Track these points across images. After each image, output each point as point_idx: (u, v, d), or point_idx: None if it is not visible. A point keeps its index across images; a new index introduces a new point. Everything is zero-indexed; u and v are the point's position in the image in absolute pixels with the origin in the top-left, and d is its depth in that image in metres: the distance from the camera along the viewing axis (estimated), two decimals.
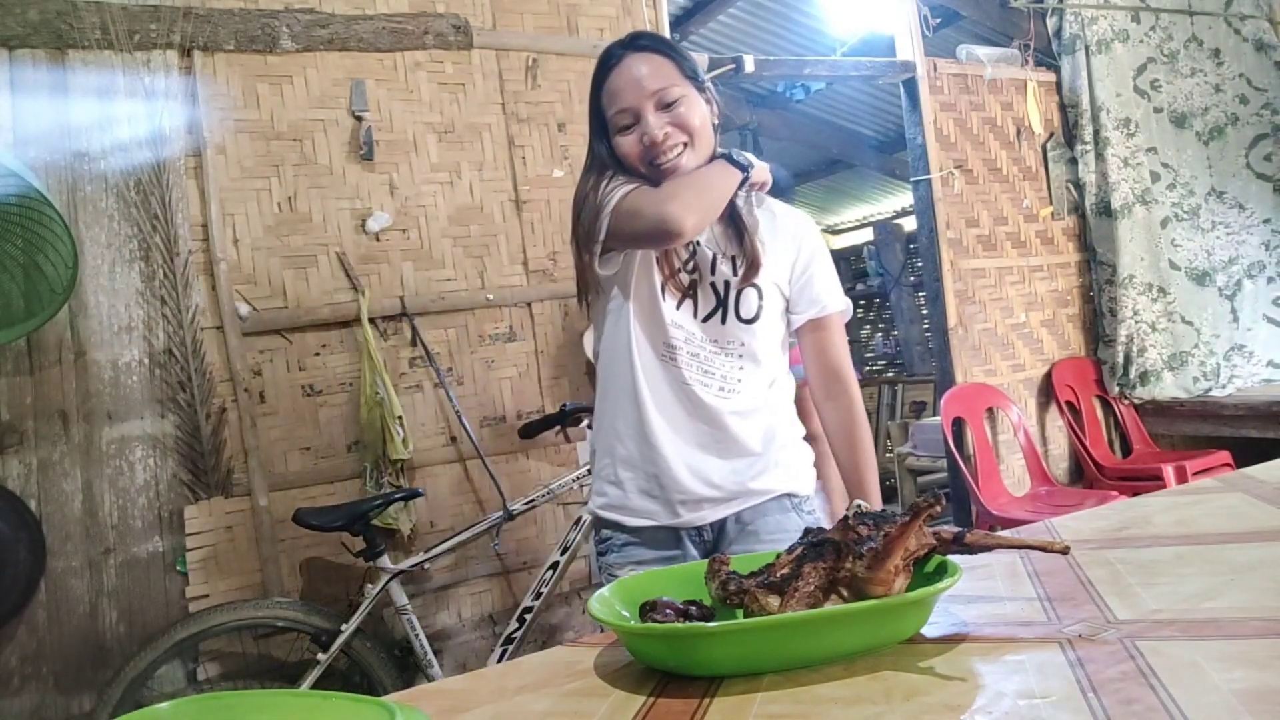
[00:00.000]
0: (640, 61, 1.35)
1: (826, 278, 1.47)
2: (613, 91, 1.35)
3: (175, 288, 2.45)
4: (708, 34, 4.96)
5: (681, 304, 1.40)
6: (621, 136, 1.35)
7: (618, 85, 1.34)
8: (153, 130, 2.46)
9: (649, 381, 1.39)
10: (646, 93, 1.32)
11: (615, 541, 1.44)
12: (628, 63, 1.35)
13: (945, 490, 3.94)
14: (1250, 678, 0.57)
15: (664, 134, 1.32)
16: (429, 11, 2.81)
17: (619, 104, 1.34)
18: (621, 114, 1.34)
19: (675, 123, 1.33)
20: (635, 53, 1.36)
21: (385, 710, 0.60)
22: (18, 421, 2.28)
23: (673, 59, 1.36)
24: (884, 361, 9.25)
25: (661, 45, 1.38)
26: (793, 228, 1.47)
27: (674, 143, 1.33)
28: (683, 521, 1.40)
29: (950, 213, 3.89)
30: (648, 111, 1.33)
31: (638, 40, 1.38)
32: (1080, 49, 4.09)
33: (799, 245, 1.46)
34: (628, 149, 1.35)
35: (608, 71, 1.36)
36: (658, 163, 1.33)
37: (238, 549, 2.47)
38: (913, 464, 4.94)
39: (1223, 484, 1.20)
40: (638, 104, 1.33)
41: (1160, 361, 4.08)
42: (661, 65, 1.34)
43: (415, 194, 2.77)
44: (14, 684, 2.23)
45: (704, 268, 1.40)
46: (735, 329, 1.40)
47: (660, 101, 1.33)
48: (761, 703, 0.64)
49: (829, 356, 1.47)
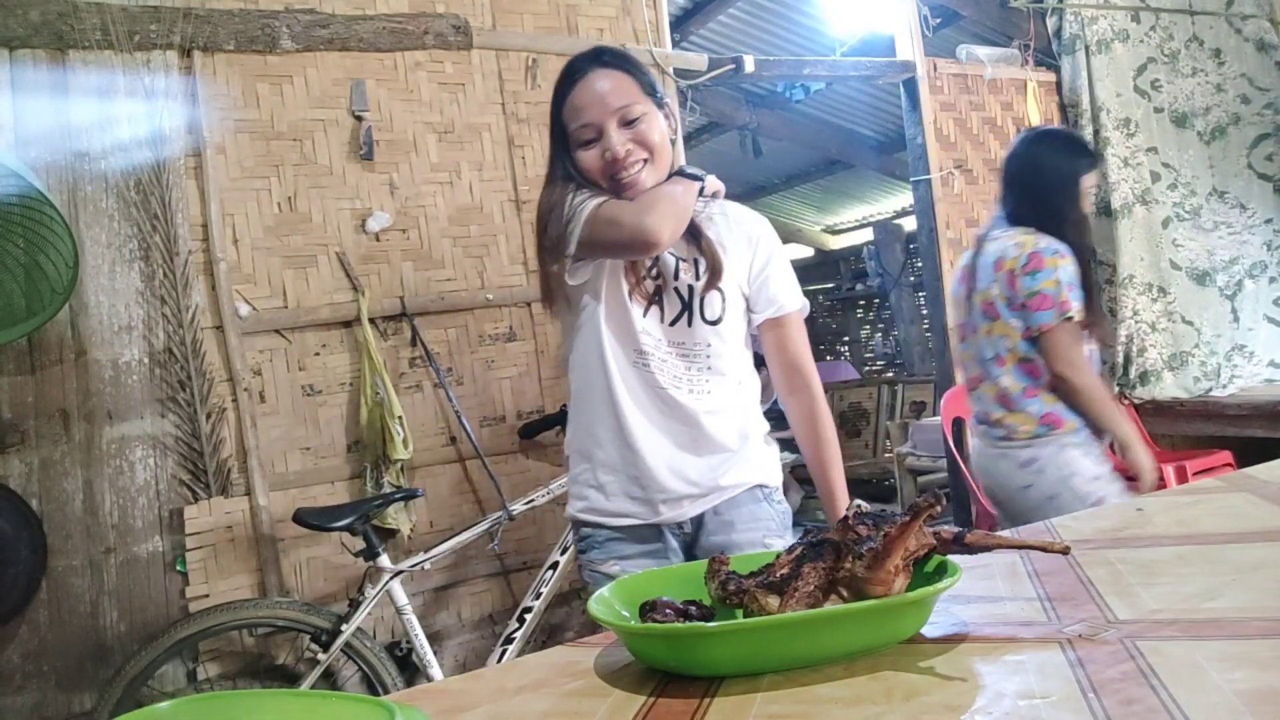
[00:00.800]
0: (603, 78, 1.38)
1: (783, 277, 1.52)
2: (575, 106, 1.38)
3: (175, 287, 2.45)
4: (708, 34, 4.96)
5: (648, 310, 1.44)
6: (583, 151, 1.39)
7: (581, 100, 1.38)
8: (153, 130, 2.46)
9: (626, 387, 1.44)
10: (609, 109, 1.36)
11: (596, 538, 1.49)
12: (591, 78, 1.38)
13: (945, 490, 3.94)
14: (1252, 678, 0.57)
15: (626, 150, 1.36)
16: (429, 11, 2.81)
17: (582, 119, 1.38)
18: (584, 129, 1.38)
19: (636, 139, 1.37)
20: (599, 68, 1.39)
21: (385, 710, 0.60)
22: (19, 420, 2.28)
23: (634, 76, 1.40)
24: (884, 361, 9.25)
25: (624, 62, 1.41)
26: (748, 229, 1.51)
27: (635, 159, 1.37)
28: (664, 519, 1.46)
29: (950, 213, 3.89)
30: (610, 128, 1.37)
31: (601, 56, 1.41)
32: (1080, 49, 4.08)
33: (755, 246, 1.50)
34: (590, 163, 1.39)
35: (570, 86, 1.40)
36: (619, 178, 1.37)
37: (238, 549, 2.47)
38: (913, 464, 4.94)
39: (1224, 484, 1.20)
40: (600, 120, 1.37)
41: (1161, 361, 4.08)
42: (623, 82, 1.38)
43: (415, 194, 2.77)
44: (16, 681, 2.23)
45: (667, 274, 1.45)
46: (701, 331, 1.46)
47: (622, 118, 1.37)
48: (761, 703, 0.64)
49: (789, 352, 1.54)
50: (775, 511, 1.52)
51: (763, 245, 1.51)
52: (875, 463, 6.30)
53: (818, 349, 10.08)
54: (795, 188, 8.09)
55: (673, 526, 1.47)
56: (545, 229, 1.42)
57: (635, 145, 1.37)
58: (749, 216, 1.55)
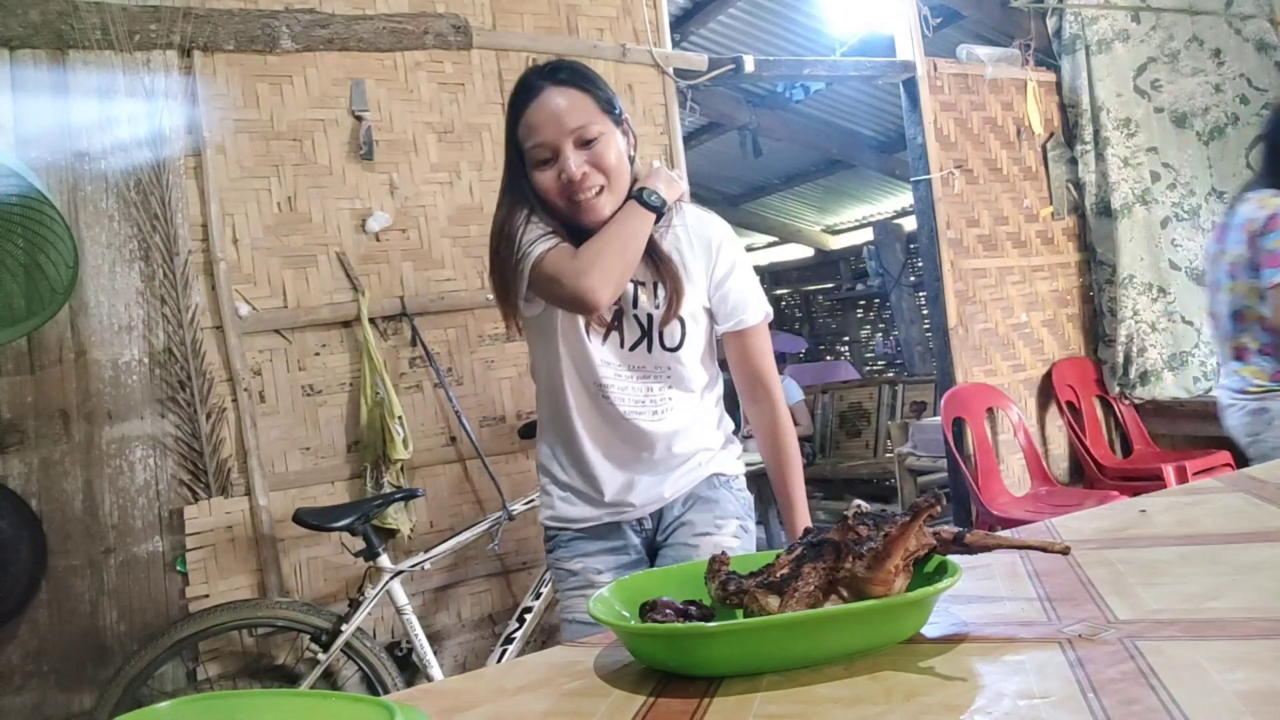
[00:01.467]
0: (558, 95, 1.34)
1: (744, 288, 1.48)
2: (531, 125, 1.34)
3: (175, 287, 2.45)
4: (708, 34, 4.96)
5: (607, 338, 1.43)
6: (539, 172, 1.35)
7: (536, 119, 1.33)
8: (153, 130, 2.46)
9: (584, 420, 1.46)
10: (565, 129, 1.32)
11: (562, 537, 1.53)
12: (546, 96, 1.34)
13: (945, 490, 3.94)
14: (1253, 678, 0.57)
15: (582, 173, 1.32)
16: (429, 11, 2.81)
17: (537, 138, 1.33)
18: (539, 148, 1.33)
19: (593, 162, 1.33)
20: (554, 85, 1.34)
21: (385, 710, 0.60)
22: (18, 421, 2.28)
23: (591, 94, 1.35)
24: (884, 361, 9.25)
25: (580, 79, 1.37)
26: (707, 236, 1.46)
27: (592, 184, 1.33)
28: (625, 518, 1.50)
29: (950, 213, 3.89)
30: (566, 148, 1.32)
31: (557, 73, 1.37)
32: (1080, 49, 4.08)
33: (715, 255, 1.46)
34: (546, 185, 1.35)
35: (525, 102, 1.35)
36: (576, 199, 1.34)
37: (238, 549, 2.47)
38: (913, 464, 4.94)
39: (1224, 484, 1.20)
40: (556, 140, 1.32)
41: (1160, 361, 4.08)
42: (580, 101, 1.34)
43: (415, 194, 2.77)
44: (15, 681, 2.23)
45: (625, 302, 1.42)
46: (661, 356, 1.44)
47: (579, 139, 1.33)
48: (761, 703, 0.64)
49: (751, 363, 1.51)
50: (734, 496, 1.54)
51: (724, 255, 1.46)
52: (875, 463, 6.30)
53: (818, 349, 10.15)
54: (795, 188, 8.09)
55: (633, 523, 1.51)
56: (497, 254, 1.39)
57: (592, 168, 1.33)
58: (708, 222, 1.49)
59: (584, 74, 1.39)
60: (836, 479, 6.50)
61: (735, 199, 8.38)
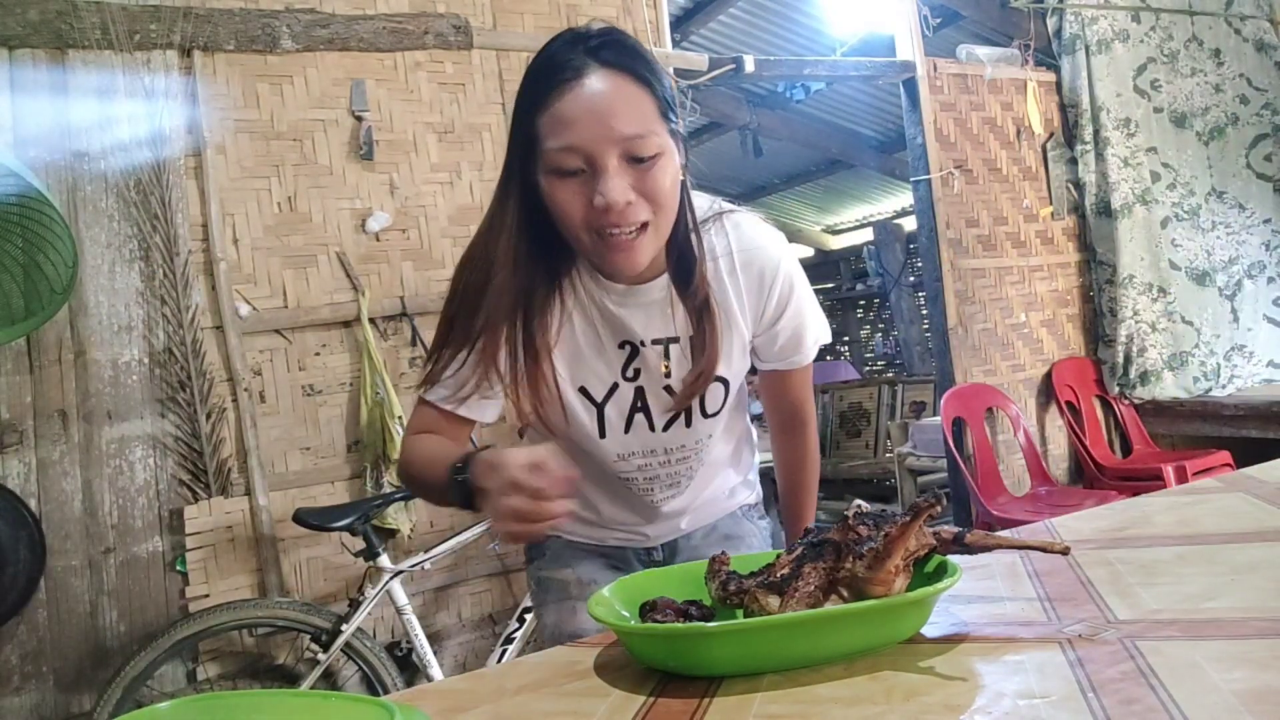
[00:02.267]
0: (609, 83, 0.94)
1: (798, 328, 1.17)
2: (563, 118, 0.93)
3: (175, 288, 2.45)
4: (708, 34, 4.96)
5: (631, 426, 1.13)
6: (560, 181, 0.95)
7: (572, 111, 0.93)
8: (153, 130, 2.46)
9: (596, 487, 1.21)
10: (614, 136, 0.93)
11: (549, 546, 1.27)
12: (592, 81, 0.94)
13: (945, 490, 3.93)
14: (1251, 678, 0.57)
15: (626, 202, 0.94)
16: (429, 11, 2.81)
17: (569, 138, 0.93)
18: (568, 153, 0.93)
19: (642, 189, 0.95)
20: (602, 68, 0.94)
21: (385, 710, 0.60)
22: (18, 420, 2.28)
23: (652, 90, 0.97)
24: (884, 361, 9.26)
25: (638, 64, 0.96)
26: (760, 269, 1.12)
27: (634, 219, 0.95)
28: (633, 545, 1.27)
29: (950, 213, 3.89)
30: (609, 162, 0.93)
31: (604, 48, 0.95)
32: (1080, 49, 4.08)
33: (766, 295, 1.13)
34: (567, 205, 0.96)
35: (557, 83, 0.94)
36: (608, 234, 0.96)
37: (237, 549, 2.47)
38: (913, 464, 4.94)
39: (1223, 484, 1.20)
40: (597, 148, 0.93)
41: (1160, 361, 4.08)
42: (637, 99, 0.95)
43: (415, 194, 2.77)
44: (14, 682, 2.23)
45: (652, 369, 1.11)
46: (701, 426, 1.16)
47: (628, 153, 0.94)
48: (761, 703, 0.64)
49: (791, 397, 1.28)
50: (757, 529, 1.35)
51: (777, 292, 1.13)
52: (875, 463, 6.30)
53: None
54: (795, 188, 8.09)
55: (639, 551, 1.27)
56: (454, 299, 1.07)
57: (640, 197, 0.95)
58: (760, 248, 1.12)
59: (643, 58, 0.98)
60: (836, 479, 6.50)
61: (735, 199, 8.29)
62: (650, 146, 0.94)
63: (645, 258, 0.99)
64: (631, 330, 1.09)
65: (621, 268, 0.99)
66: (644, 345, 1.10)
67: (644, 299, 1.08)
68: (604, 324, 1.09)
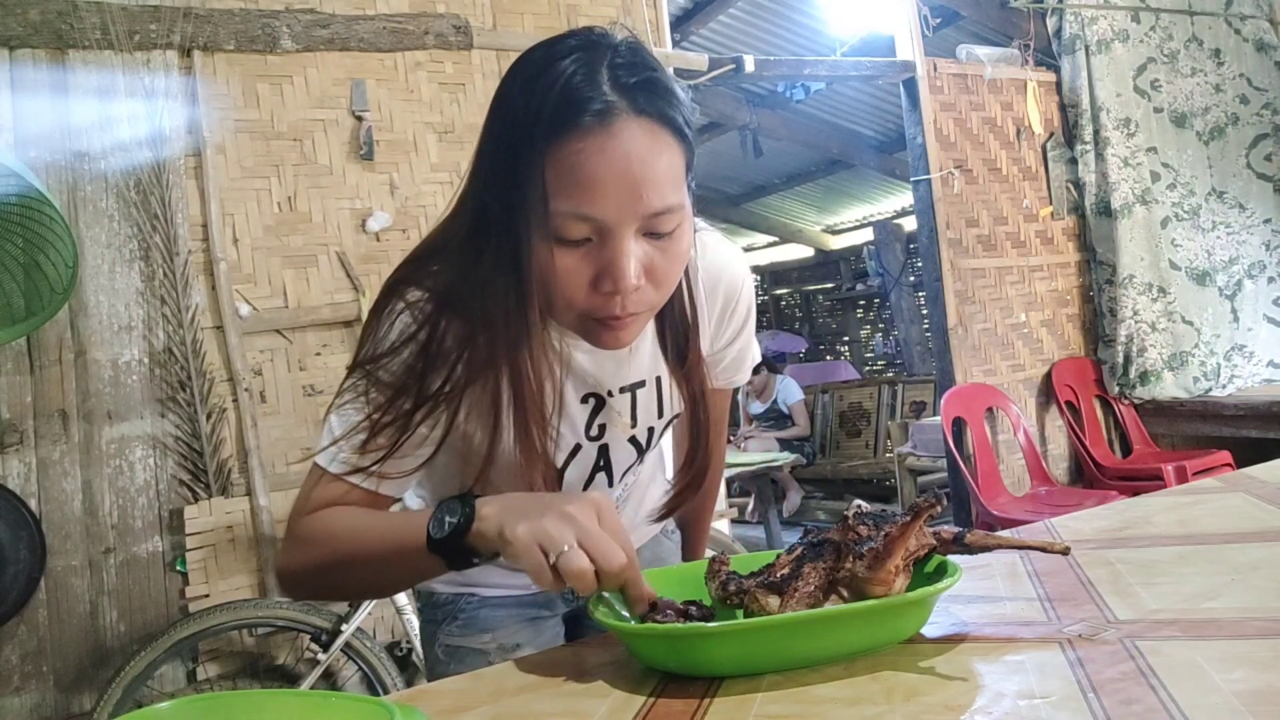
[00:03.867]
0: (645, 144, 0.74)
1: (743, 351, 1.08)
2: (581, 178, 0.73)
3: (175, 287, 2.45)
4: (708, 34, 4.96)
5: (590, 485, 1.00)
6: (564, 251, 0.76)
7: (595, 173, 0.73)
8: (153, 130, 2.46)
9: None
10: (641, 212, 0.75)
11: (461, 606, 1.09)
12: (624, 139, 0.73)
13: (945, 490, 3.95)
14: (1252, 678, 0.57)
15: (636, 287, 0.77)
16: (429, 11, 2.81)
17: (585, 206, 0.74)
18: (579, 222, 0.75)
19: (654, 270, 0.78)
20: (636, 118, 0.74)
21: (385, 710, 0.60)
22: (18, 421, 2.28)
23: (684, 145, 0.79)
24: (884, 361, 9.26)
25: (677, 111, 0.78)
26: (721, 288, 1.00)
27: (639, 307, 0.79)
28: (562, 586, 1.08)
29: (950, 213, 3.89)
30: (627, 239, 0.76)
31: (639, 89, 0.75)
32: (1080, 49, 4.09)
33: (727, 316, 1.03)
34: (568, 274, 0.77)
35: (576, 129, 0.73)
36: (600, 316, 0.80)
37: (238, 549, 2.47)
38: (913, 464, 4.94)
39: (1224, 484, 1.20)
40: (617, 223, 0.75)
41: (1160, 361, 4.08)
42: (672, 163, 0.77)
43: (415, 194, 2.77)
44: (14, 682, 2.23)
45: (618, 422, 0.97)
46: (650, 461, 1.07)
47: (650, 228, 0.77)
48: (761, 703, 0.64)
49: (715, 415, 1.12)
50: (674, 544, 1.25)
51: (739, 315, 1.03)
52: (875, 463, 6.31)
53: (818, 349, 10.15)
54: (795, 188, 8.10)
55: (566, 591, 0.98)
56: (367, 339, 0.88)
57: (648, 280, 0.79)
58: (727, 270, 1.00)
59: (677, 101, 0.79)
60: (836, 479, 6.51)
61: (735, 199, 8.39)
62: (673, 221, 0.78)
63: (635, 336, 0.84)
64: (600, 381, 0.94)
65: (610, 346, 0.84)
66: (611, 396, 0.95)
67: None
68: (568, 377, 0.91)
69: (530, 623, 1.09)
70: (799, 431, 6.56)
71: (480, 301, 0.81)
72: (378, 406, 0.85)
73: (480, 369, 0.84)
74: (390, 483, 0.87)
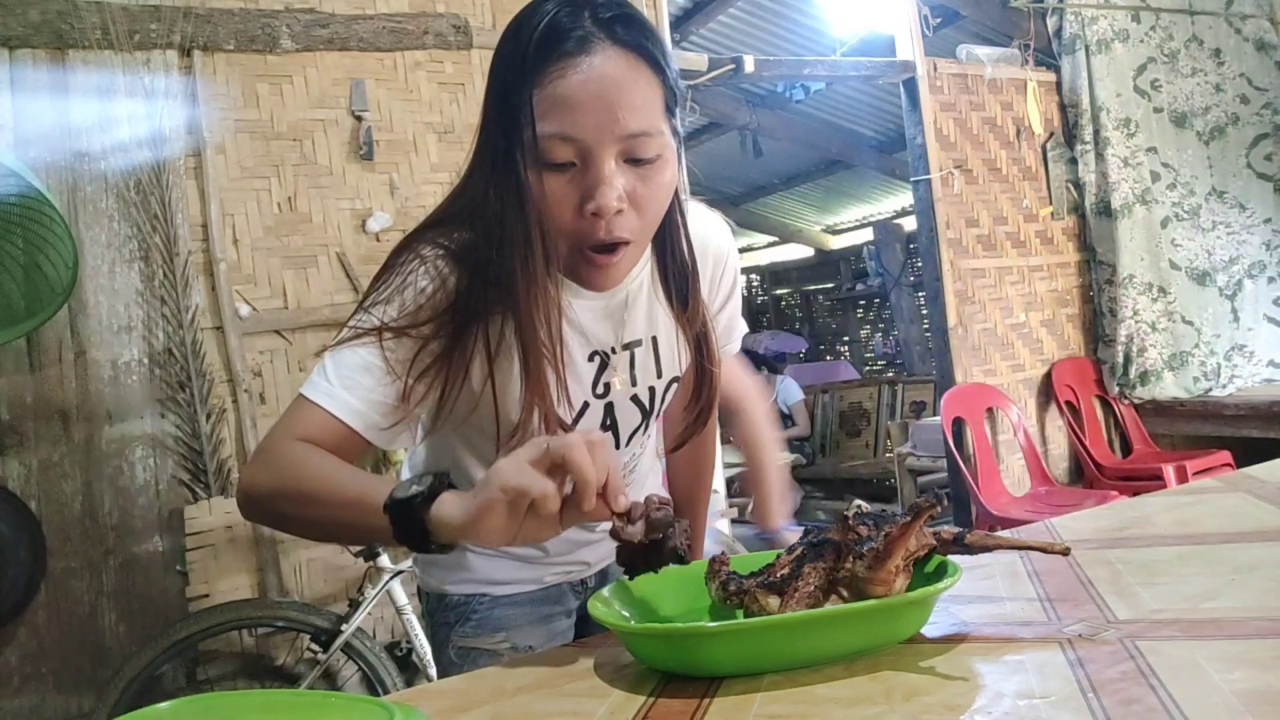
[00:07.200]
0: (621, 68, 0.81)
1: (734, 318, 1.12)
2: (561, 100, 0.80)
3: (175, 288, 2.45)
4: (708, 34, 4.96)
5: None
6: (551, 175, 0.82)
7: (574, 94, 0.80)
8: (153, 130, 2.46)
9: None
10: (619, 132, 0.81)
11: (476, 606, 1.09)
12: (600, 63, 0.80)
13: (945, 490, 3.93)
14: (1252, 678, 0.57)
15: (618, 210, 0.82)
16: (429, 11, 2.81)
17: (566, 126, 0.80)
18: (562, 143, 0.81)
19: (637, 197, 0.84)
20: (613, 46, 0.81)
21: (384, 710, 0.60)
22: (18, 421, 2.28)
23: (663, 78, 0.85)
24: (884, 361, 9.26)
25: (655, 46, 0.84)
26: (711, 252, 1.04)
27: (620, 231, 0.84)
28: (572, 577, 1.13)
29: (950, 213, 3.89)
30: (607, 162, 0.81)
31: (616, 21, 0.82)
32: (1080, 49, 4.09)
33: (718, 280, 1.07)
34: (555, 199, 0.83)
35: (557, 57, 0.80)
36: (592, 240, 0.84)
37: (238, 549, 2.47)
38: (913, 464, 4.94)
39: (1224, 484, 1.20)
40: (596, 142, 0.81)
41: (1160, 361, 4.08)
42: (650, 89, 0.83)
43: (415, 194, 2.77)
44: (14, 683, 2.23)
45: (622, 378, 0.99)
46: (652, 430, 1.09)
47: (630, 153, 0.82)
48: (761, 703, 0.64)
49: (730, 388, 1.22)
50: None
51: (726, 281, 1.07)
52: (875, 463, 6.30)
53: (818, 349, 10.15)
54: (795, 188, 8.09)
55: (575, 585, 1.14)
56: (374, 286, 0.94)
57: (631, 207, 0.84)
58: (714, 237, 1.04)
59: (658, 38, 0.86)
60: (836, 479, 6.50)
61: (735, 199, 8.38)
62: (653, 147, 0.83)
63: (624, 273, 0.91)
64: (603, 338, 0.96)
65: (598, 283, 0.90)
66: (613, 353, 0.97)
67: (619, 298, 0.96)
68: (574, 334, 0.94)
69: (543, 621, 1.10)
70: (799, 432, 6.56)
71: (488, 245, 0.85)
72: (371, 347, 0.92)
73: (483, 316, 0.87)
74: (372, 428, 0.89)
